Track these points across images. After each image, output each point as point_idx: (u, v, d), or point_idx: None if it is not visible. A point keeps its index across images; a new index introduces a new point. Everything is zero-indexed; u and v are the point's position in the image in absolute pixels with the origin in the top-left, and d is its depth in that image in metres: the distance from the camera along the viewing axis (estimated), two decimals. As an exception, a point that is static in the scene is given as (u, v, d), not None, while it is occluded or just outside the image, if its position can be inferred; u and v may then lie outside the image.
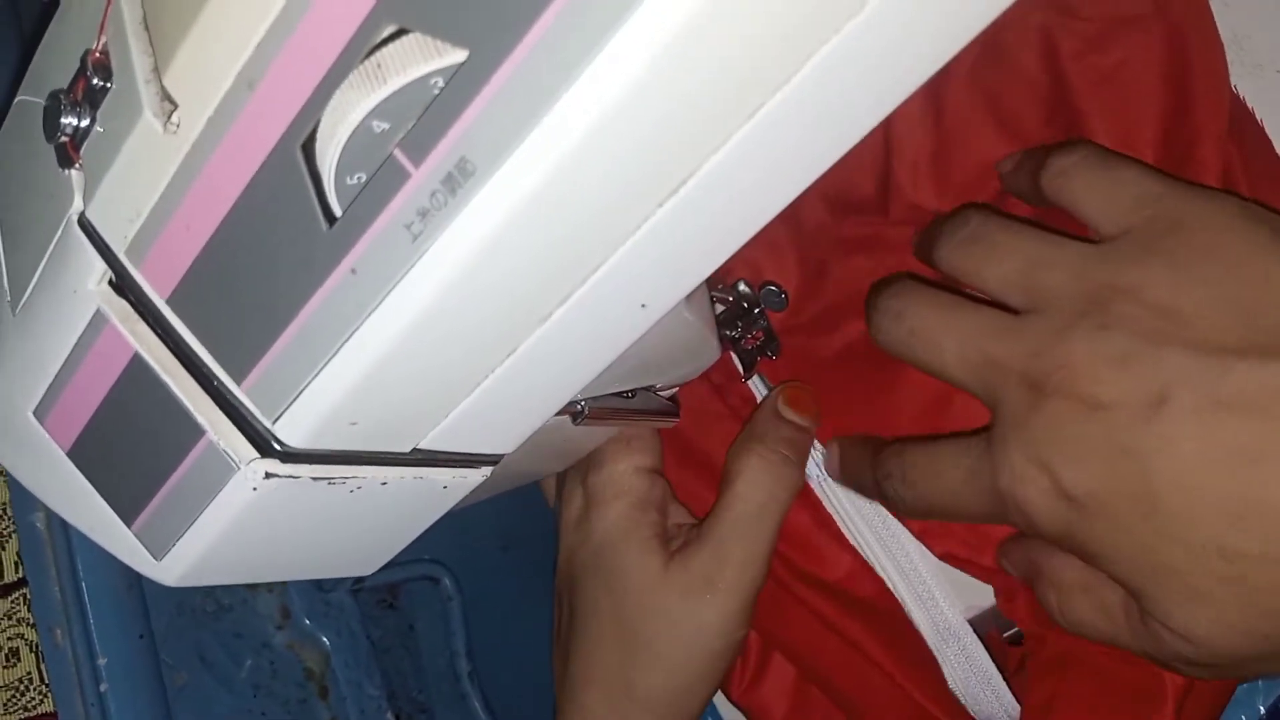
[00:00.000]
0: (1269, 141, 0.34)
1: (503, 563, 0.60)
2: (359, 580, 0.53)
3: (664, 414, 0.36)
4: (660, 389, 0.36)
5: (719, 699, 0.46)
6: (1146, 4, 0.34)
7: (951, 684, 0.37)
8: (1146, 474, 0.26)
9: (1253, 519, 0.25)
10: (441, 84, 0.18)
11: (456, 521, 0.31)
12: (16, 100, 0.26)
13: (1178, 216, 0.27)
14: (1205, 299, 0.26)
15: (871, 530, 0.38)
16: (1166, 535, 0.26)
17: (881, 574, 0.38)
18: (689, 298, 0.30)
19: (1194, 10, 0.34)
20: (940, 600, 0.37)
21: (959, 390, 0.31)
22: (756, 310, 0.41)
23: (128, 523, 0.25)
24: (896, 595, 0.37)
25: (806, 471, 0.39)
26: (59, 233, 0.23)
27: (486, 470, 0.27)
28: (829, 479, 0.39)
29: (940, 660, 0.37)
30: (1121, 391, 0.26)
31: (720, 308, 0.40)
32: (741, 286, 0.41)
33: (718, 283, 0.41)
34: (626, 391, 0.33)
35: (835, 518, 0.39)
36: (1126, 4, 0.34)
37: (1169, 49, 0.34)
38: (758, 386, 0.42)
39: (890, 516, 0.38)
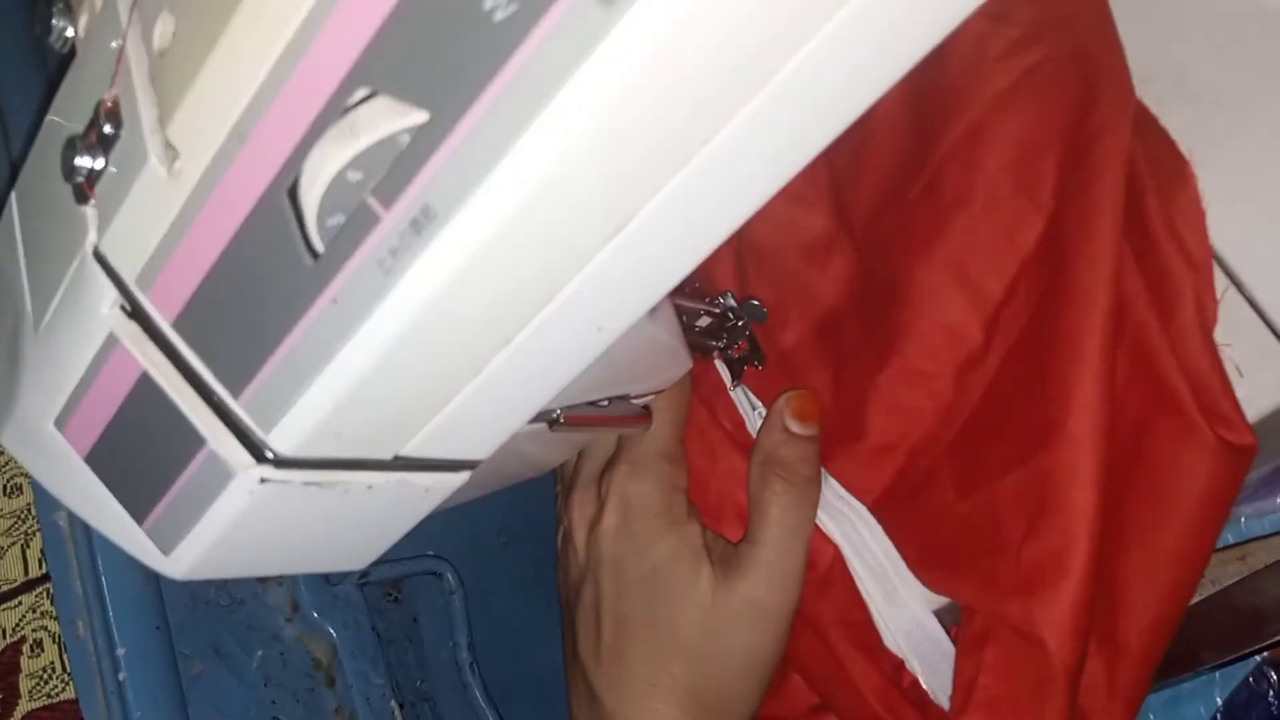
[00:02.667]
0: (1173, 144, 0.36)
1: (503, 557, 0.62)
2: (365, 574, 0.55)
3: (637, 421, 0.38)
4: (634, 397, 0.38)
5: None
6: (1063, 8, 0.37)
7: (892, 645, 0.40)
8: None
9: None
10: (408, 140, 0.20)
11: (458, 517, 0.33)
12: (40, 136, 0.29)
13: None
14: None
15: (828, 514, 0.40)
16: None
17: (844, 552, 0.40)
18: (655, 314, 0.32)
19: (1100, 18, 0.37)
20: (889, 569, 0.39)
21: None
22: (741, 322, 0.43)
23: (139, 521, 0.28)
24: (850, 568, 0.40)
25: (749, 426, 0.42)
26: (76, 263, 0.26)
27: (465, 474, 0.29)
28: None
29: (883, 623, 0.39)
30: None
31: (707, 320, 0.43)
32: (729, 300, 0.43)
33: (705, 296, 0.43)
34: (601, 400, 0.35)
35: None
36: (1048, 8, 0.37)
37: (1081, 49, 0.37)
38: (740, 396, 0.44)
39: (848, 499, 0.41)
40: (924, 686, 0.39)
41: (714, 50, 0.19)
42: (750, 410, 0.44)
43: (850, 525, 0.40)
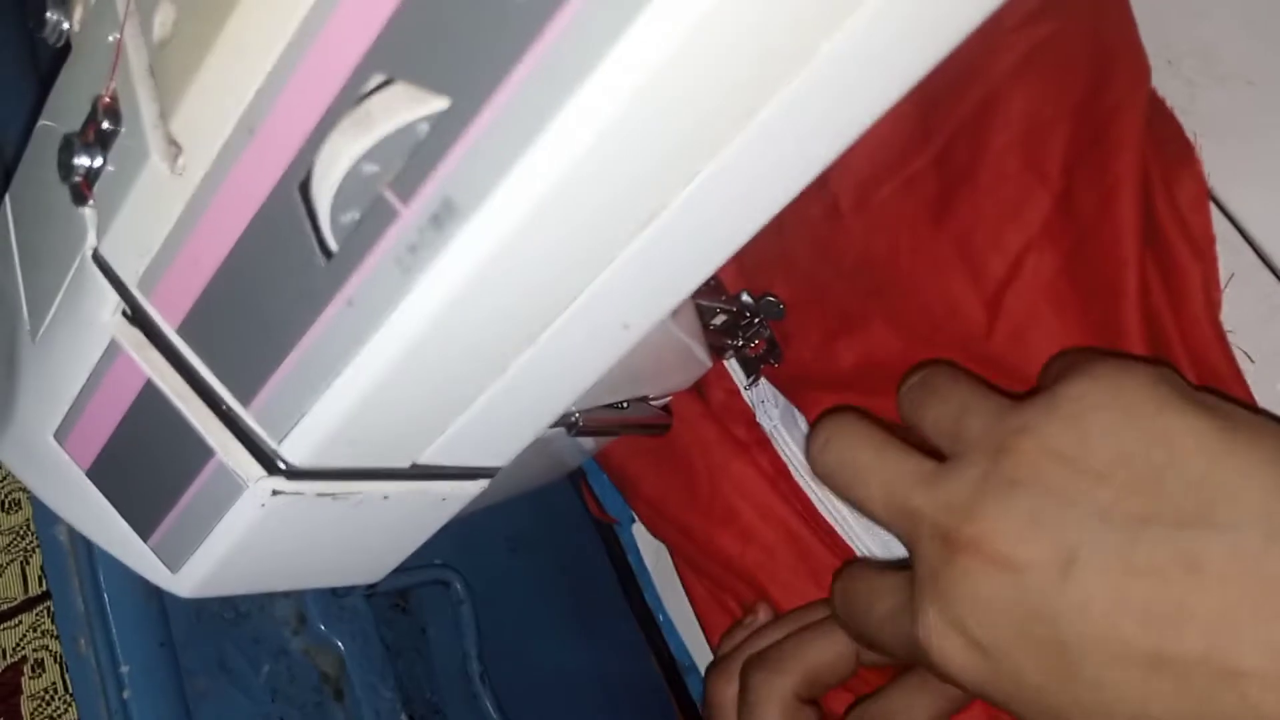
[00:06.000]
0: (1179, 126, 0.35)
1: (512, 566, 0.61)
2: (372, 585, 0.54)
3: (656, 424, 0.37)
4: (653, 399, 0.37)
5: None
6: None
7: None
8: (1059, 635, 0.26)
9: (1163, 677, 0.25)
10: (427, 129, 0.19)
11: (466, 526, 0.32)
12: (35, 134, 0.28)
13: (1067, 376, 0.28)
14: (1111, 457, 0.26)
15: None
16: (1078, 697, 0.26)
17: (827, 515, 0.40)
18: (676, 312, 0.31)
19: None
20: None
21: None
22: (758, 320, 0.42)
23: (144, 538, 0.26)
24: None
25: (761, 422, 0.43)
26: (75, 267, 0.24)
27: (483, 482, 0.28)
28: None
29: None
30: (1031, 552, 0.26)
31: (723, 318, 0.42)
32: (744, 297, 0.42)
33: (721, 293, 0.42)
34: (620, 402, 0.34)
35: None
36: None
37: (1096, 24, 0.36)
38: (764, 393, 0.44)
39: None
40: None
41: (750, 31, 0.18)
42: (762, 403, 0.43)
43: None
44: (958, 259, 0.37)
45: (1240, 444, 0.26)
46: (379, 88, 0.19)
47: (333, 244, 0.21)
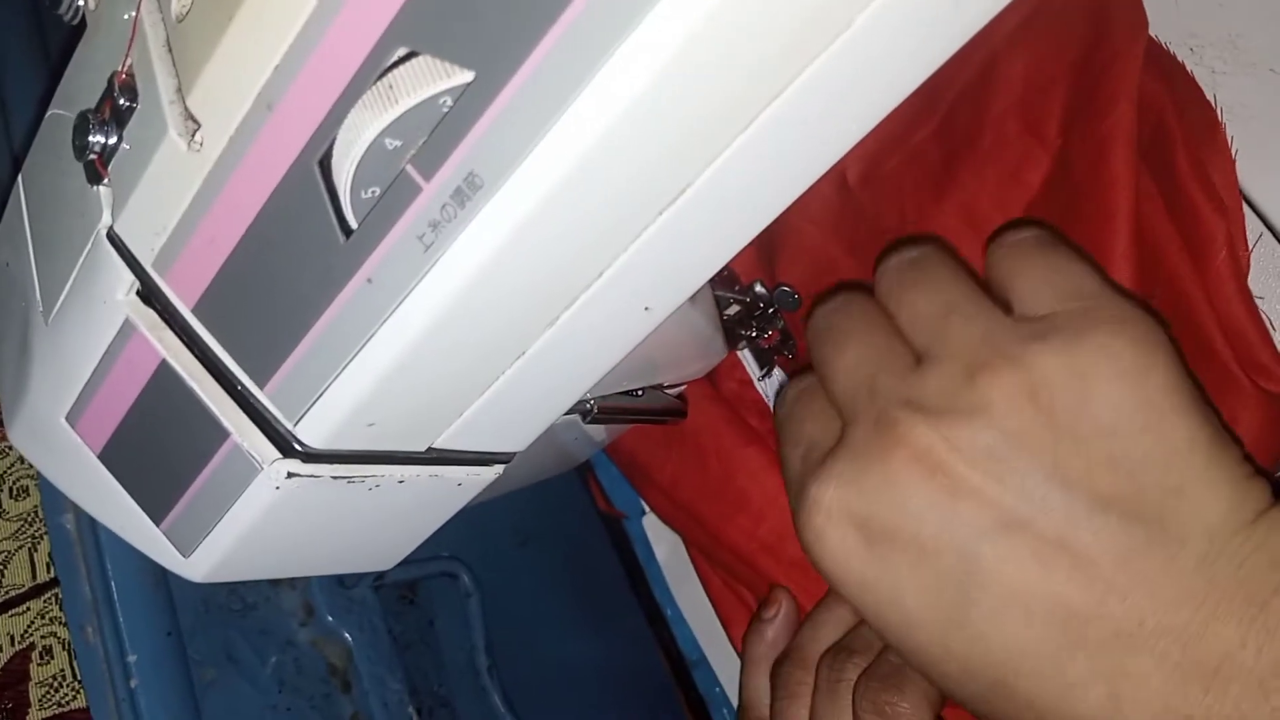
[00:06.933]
0: (1200, 91, 0.34)
1: (519, 559, 0.61)
2: (380, 577, 0.53)
3: (672, 412, 0.37)
4: (668, 387, 0.37)
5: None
6: None
7: None
8: (964, 577, 0.25)
9: (1046, 664, 0.24)
10: (450, 103, 0.19)
11: (474, 519, 0.32)
12: (48, 114, 0.27)
13: (1101, 320, 0.26)
14: (1100, 430, 0.24)
15: None
16: (952, 642, 0.25)
17: None
18: (695, 298, 0.31)
19: None
20: None
21: None
22: (772, 310, 0.42)
23: (156, 522, 0.26)
24: None
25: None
26: (88, 246, 0.24)
27: (499, 468, 0.28)
28: None
29: None
30: (977, 483, 0.24)
31: (736, 308, 0.41)
32: (758, 288, 0.42)
33: (734, 284, 0.42)
34: (635, 389, 0.34)
35: None
36: None
37: None
38: (779, 384, 0.43)
39: None
40: None
41: (784, 4, 0.17)
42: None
43: None
44: (965, 226, 0.37)
45: (1225, 463, 0.25)
46: (402, 61, 0.19)
47: (352, 221, 0.20)
